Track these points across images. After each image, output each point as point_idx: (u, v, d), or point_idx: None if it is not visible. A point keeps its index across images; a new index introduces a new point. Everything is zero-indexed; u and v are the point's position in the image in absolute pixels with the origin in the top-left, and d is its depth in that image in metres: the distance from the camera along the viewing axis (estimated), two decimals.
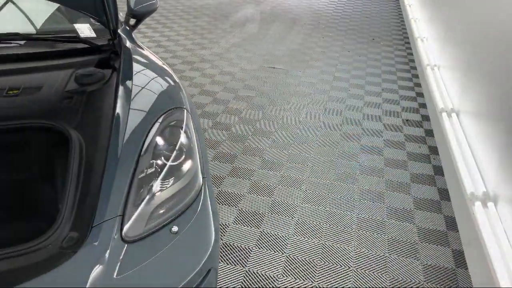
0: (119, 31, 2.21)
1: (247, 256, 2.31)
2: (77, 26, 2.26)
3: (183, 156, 1.61)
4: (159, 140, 1.60)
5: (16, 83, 1.80)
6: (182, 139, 1.65)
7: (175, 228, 1.43)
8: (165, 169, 1.55)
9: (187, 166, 1.60)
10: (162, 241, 1.39)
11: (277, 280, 2.17)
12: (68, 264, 1.23)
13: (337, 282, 2.18)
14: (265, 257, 2.31)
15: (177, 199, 1.51)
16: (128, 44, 2.18)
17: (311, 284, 2.16)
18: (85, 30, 2.26)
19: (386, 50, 6.00)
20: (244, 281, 2.15)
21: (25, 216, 1.74)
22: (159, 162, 1.56)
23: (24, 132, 1.64)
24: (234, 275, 2.18)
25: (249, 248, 2.36)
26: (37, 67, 1.93)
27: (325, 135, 3.63)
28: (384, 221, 2.64)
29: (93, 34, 2.24)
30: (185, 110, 1.77)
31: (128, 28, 2.54)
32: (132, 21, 2.68)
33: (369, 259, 2.35)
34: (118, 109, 1.65)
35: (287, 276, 2.20)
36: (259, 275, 2.20)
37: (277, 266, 2.26)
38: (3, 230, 1.71)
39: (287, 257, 2.32)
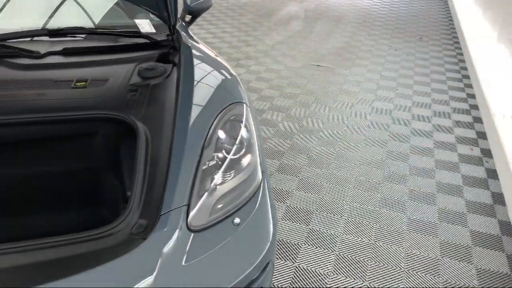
0: (176, 27, 2.26)
1: (296, 252, 2.32)
2: (138, 21, 2.33)
3: (243, 150, 1.64)
4: (221, 134, 1.63)
5: (83, 75, 1.87)
6: (243, 133, 1.68)
7: (237, 220, 1.46)
8: (226, 162, 1.58)
9: (247, 160, 1.63)
10: (225, 232, 1.42)
11: (327, 277, 2.17)
12: (138, 250, 1.28)
13: (388, 283, 2.16)
14: (315, 254, 2.32)
15: (238, 192, 1.54)
16: (186, 39, 2.22)
17: (362, 283, 2.15)
18: (145, 25, 2.33)
19: (435, 49, 5.87)
20: (294, 276, 2.16)
21: (93, 203, 1.81)
22: (220, 155, 1.59)
23: (92, 123, 1.71)
24: (285, 270, 2.20)
25: (298, 245, 2.37)
26: (102, 60, 2.00)
27: (372, 134, 3.59)
28: (436, 224, 2.59)
29: (153, 30, 2.30)
30: (245, 105, 1.79)
31: (184, 24, 2.59)
32: (188, 18, 2.73)
33: (420, 261, 2.31)
34: (181, 103, 1.68)
35: (337, 274, 2.19)
36: (309, 271, 2.20)
37: (327, 264, 2.25)
38: (71, 217, 1.79)
39: (337, 255, 2.32)
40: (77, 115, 1.68)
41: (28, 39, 2.04)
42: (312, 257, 2.30)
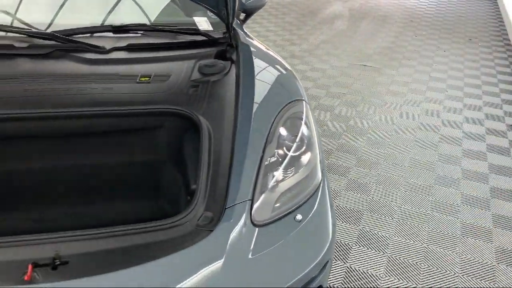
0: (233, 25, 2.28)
1: (347, 253, 2.30)
2: (196, 19, 2.36)
3: (304, 147, 1.64)
4: (282, 131, 1.64)
5: (147, 71, 1.92)
6: (303, 130, 1.68)
7: (299, 217, 1.46)
8: (287, 159, 1.59)
9: (307, 157, 1.63)
10: (287, 228, 1.43)
11: (380, 279, 2.15)
12: (206, 241, 1.30)
13: (443, 287, 2.12)
14: (366, 255, 2.30)
15: (298, 189, 1.54)
16: (244, 37, 2.25)
17: (415, 286, 2.11)
18: (203, 23, 2.36)
19: (484, 51, 5.69)
20: (346, 276, 2.15)
21: (153, 195, 1.86)
22: (281, 152, 1.60)
23: (158, 117, 1.76)
24: (336, 270, 2.19)
25: (349, 245, 2.36)
26: (163, 57, 2.04)
27: (422, 136, 3.52)
28: (491, 229, 2.52)
29: (210, 27, 2.33)
30: (304, 102, 1.79)
31: (238, 22, 2.61)
32: (242, 16, 2.76)
33: (476, 267, 2.25)
34: (242, 100, 1.70)
35: (390, 276, 2.17)
36: (361, 272, 2.19)
37: (379, 265, 2.23)
38: (133, 207, 1.85)
39: (389, 257, 2.29)
40: (143, 109, 1.73)
41: (87, 34, 2.10)
42: (363, 258, 2.28)
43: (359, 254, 2.30)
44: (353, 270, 2.19)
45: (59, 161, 1.77)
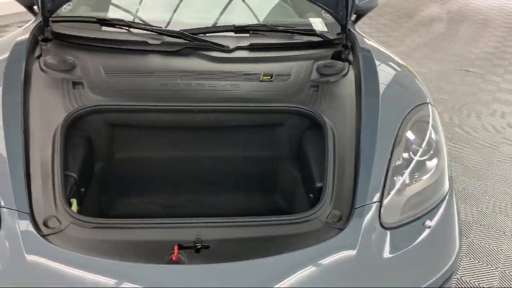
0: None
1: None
2: (312, 20, 2.39)
3: (431, 152, 1.61)
4: (409, 134, 1.61)
5: (269, 70, 1.97)
6: (430, 134, 1.64)
7: (428, 223, 1.44)
8: (413, 163, 1.56)
9: (434, 162, 1.59)
10: (416, 233, 1.41)
11: None
12: (336, 239, 1.32)
13: None
14: (477, 268, 2.20)
15: (427, 194, 1.51)
16: (360, 38, 2.23)
17: None
18: (318, 24, 2.38)
19: None
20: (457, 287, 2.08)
21: (270, 189, 1.93)
22: (407, 155, 1.58)
23: (281, 114, 1.81)
24: None
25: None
26: (282, 56, 2.08)
27: None
28: None
29: (325, 28, 2.34)
30: (430, 105, 1.75)
31: (351, 23, 2.60)
32: (353, 17, 2.74)
33: None
34: (366, 101, 1.67)
35: None
36: (473, 284, 2.10)
37: (491, 280, 2.13)
38: (250, 199, 1.92)
39: (501, 272, 2.18)
40: (269, 106, 1.78)
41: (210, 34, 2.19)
42: (474, 270, 2.19)
43: (470, 266, 2.21)
44: (464, 282, 2.11)
45: (186, 151, 1.88)
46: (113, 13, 2.32)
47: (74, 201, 1.47)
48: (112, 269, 1.18)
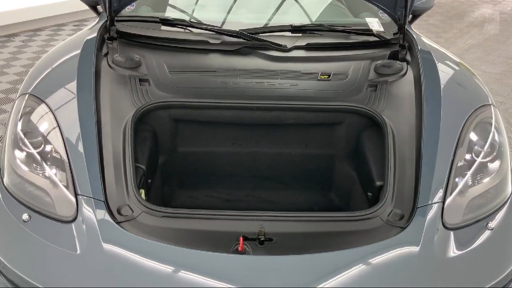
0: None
1: None
2: (368, 20, 2.38)
3: (494, 154, 1.58)
4: (472, 136, 1.59)
5: (326, 69, 1.98)
6: (493, 136, 1.62)
7: (491, 224, 1.42)
8: (476, 164, 1.54)
9: (497, 165, 1.57)
10: (479, 234, 1.40)
11: None
12: (399, 237, 1.33)
13: None
14: None
15: (489, 196, 1.50)
16: (418, 38, 2.21)
17: None
18: (374, 24, 2.38)
19: None
20: None
21: (327, 187, 1.95)
22: (469, 157, 1.56)
23: (340, 113, 1.82)
24: None
25: None
26: (340, 56, 2.09)
27: None
28: None
29: (381, 28, 2.32)
30: (492, 106, 1.72)
31: (408, 23, 2.57)
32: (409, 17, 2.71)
33: None
34: (427, 102, 1.66)
35: None
36: None
37: None
38: (306, 196, 1.95)
39: None
40: (326, 105, 1.80)
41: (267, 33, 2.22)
42: None
43: None
44: None
45: (245, 147, 1.93)
46: (171, 13, 2.40)
47: (142, 192, 1.55)
48: (184, 256, 1.24)
